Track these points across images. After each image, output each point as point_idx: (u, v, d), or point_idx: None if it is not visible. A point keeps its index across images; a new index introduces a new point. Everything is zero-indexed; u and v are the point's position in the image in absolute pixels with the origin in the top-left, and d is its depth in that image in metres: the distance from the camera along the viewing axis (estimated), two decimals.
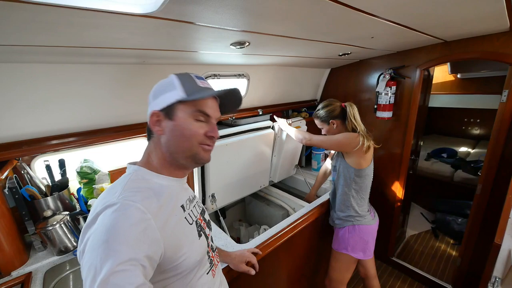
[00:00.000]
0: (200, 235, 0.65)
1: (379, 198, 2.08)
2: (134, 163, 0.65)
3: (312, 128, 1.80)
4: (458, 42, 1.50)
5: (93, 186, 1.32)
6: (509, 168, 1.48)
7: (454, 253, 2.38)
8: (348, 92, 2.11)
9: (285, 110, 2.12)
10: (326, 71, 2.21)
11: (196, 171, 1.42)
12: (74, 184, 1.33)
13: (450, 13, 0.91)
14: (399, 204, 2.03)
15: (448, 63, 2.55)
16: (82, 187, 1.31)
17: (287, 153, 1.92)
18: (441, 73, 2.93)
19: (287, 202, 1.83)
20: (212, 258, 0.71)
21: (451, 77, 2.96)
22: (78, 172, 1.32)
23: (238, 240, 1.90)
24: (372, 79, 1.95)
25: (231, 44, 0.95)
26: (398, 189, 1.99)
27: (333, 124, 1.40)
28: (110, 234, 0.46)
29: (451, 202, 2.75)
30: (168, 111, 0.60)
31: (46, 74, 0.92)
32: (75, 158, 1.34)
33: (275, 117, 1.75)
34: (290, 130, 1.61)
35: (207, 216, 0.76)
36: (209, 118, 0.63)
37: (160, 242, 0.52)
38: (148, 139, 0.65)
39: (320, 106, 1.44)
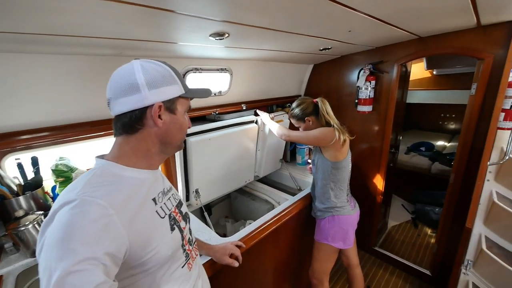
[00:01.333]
0: (173, 229, 0.64)
1: (361, 190, 2.15)
2: (102, 157, 0.61)
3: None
4: (432, 38, 1.57)
5: None
6: (478, 157, 1.57)
7: (432, 241, 2.50)
8: (330, 87, 2.16)
9: (269, 105, 2.13)
10: (309, 67, 2.24)
11: (179, 166, 1.40)
12: (50, 183, 1.27)
13: (420, 7, 0.95)
14: (380, 195, 2.10)
15: (424, 59, 2.66)
16: (58, 186, 1.26)
17: (271, 147, 1.94)
18: (419, 70, 3.06)
19: (273, 196, 1.85)
20: (189, 252, 0.70)
21: (427, 74, 3.09)
22: (53, 170, 1.26)
23: (224, 236, 1.89)
24: (353, 74, 2.00)
25: (210, 35, 0.94)
26: (379, 181, 2.06)
27: (309, 121, 1.44)
28: (66, 232, 0.44)
29: (429, 193, 2.88)
30: (170, 105, 0.61)
31: (16, 64, 0.87)
32: (51, 156, 1.28)
33: (257, 111, 1.76)
34: (272, 125, 1.63)
35: (184, 209, 0.75)
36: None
37: (124, 238, 0.50)
38: (129, 133, 0.60)
39: (293, 105, 1.48)
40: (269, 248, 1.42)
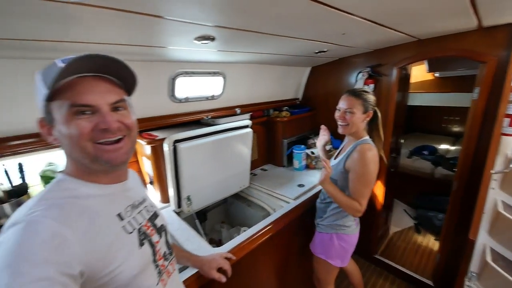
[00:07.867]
0: (142, 244, 0.59)
1: None
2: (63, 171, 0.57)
3: (293, 127, 1.78)
4: (432, 40, 1.51)
5: None
6: (482, 164, 1.50)
7: (435, 248, 2.42)
8: (328, 90, 2.11)
9: (266, 109, 2.10)
10: (307, 70, 2.20)
11: (170, 172, 1.36)
12: (39, 189, 1.25)
13: (415, 8, 0.90)
14: (381, 201, 2.03)
15: (426, 62, 2.59)
16: None
17: None
18: (420, 72, 2.98)
19: (268, 202, 1.80)
20: (162, 268, 0.65)
21: (429, 76, 3.02)
22: (41, 177, 1.24)
23: (219, 242, 1.85)
24: (352, 77, 1.95)
25: (195, 39, 0.90)
26: (379, 187, 2.00)
27: (368, 116, 1.23)
28: (13, 256, 0.40)
29: (431, 198, 2.80)
30: (48, 115, 0.51)
31: (10, 70, 0.87)
32: (41, 161, 1.26)
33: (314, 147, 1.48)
34: (335, 193, 1.23)
35: (160, 221, 0.70)
36: (95, 108, 0.50)
37: (81, 257, 0.46)
38: None
39: (369, 91, 1.25)
40: (262, 258, 1.37)
